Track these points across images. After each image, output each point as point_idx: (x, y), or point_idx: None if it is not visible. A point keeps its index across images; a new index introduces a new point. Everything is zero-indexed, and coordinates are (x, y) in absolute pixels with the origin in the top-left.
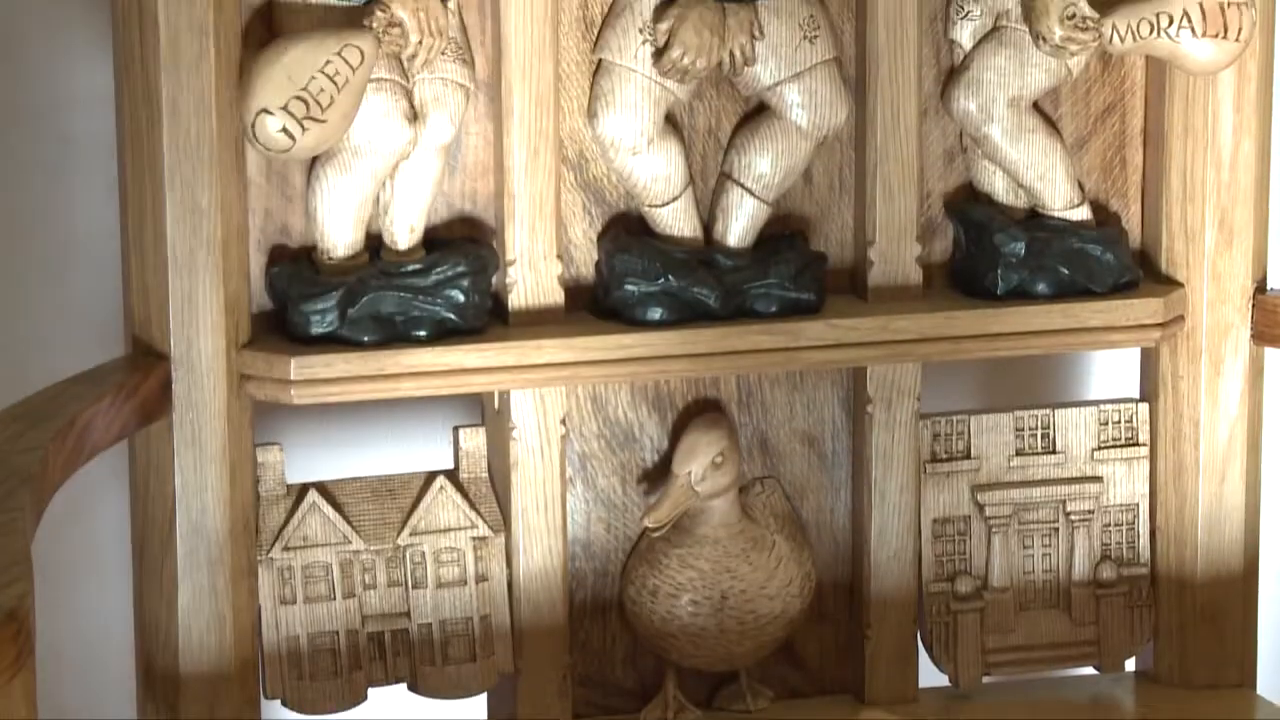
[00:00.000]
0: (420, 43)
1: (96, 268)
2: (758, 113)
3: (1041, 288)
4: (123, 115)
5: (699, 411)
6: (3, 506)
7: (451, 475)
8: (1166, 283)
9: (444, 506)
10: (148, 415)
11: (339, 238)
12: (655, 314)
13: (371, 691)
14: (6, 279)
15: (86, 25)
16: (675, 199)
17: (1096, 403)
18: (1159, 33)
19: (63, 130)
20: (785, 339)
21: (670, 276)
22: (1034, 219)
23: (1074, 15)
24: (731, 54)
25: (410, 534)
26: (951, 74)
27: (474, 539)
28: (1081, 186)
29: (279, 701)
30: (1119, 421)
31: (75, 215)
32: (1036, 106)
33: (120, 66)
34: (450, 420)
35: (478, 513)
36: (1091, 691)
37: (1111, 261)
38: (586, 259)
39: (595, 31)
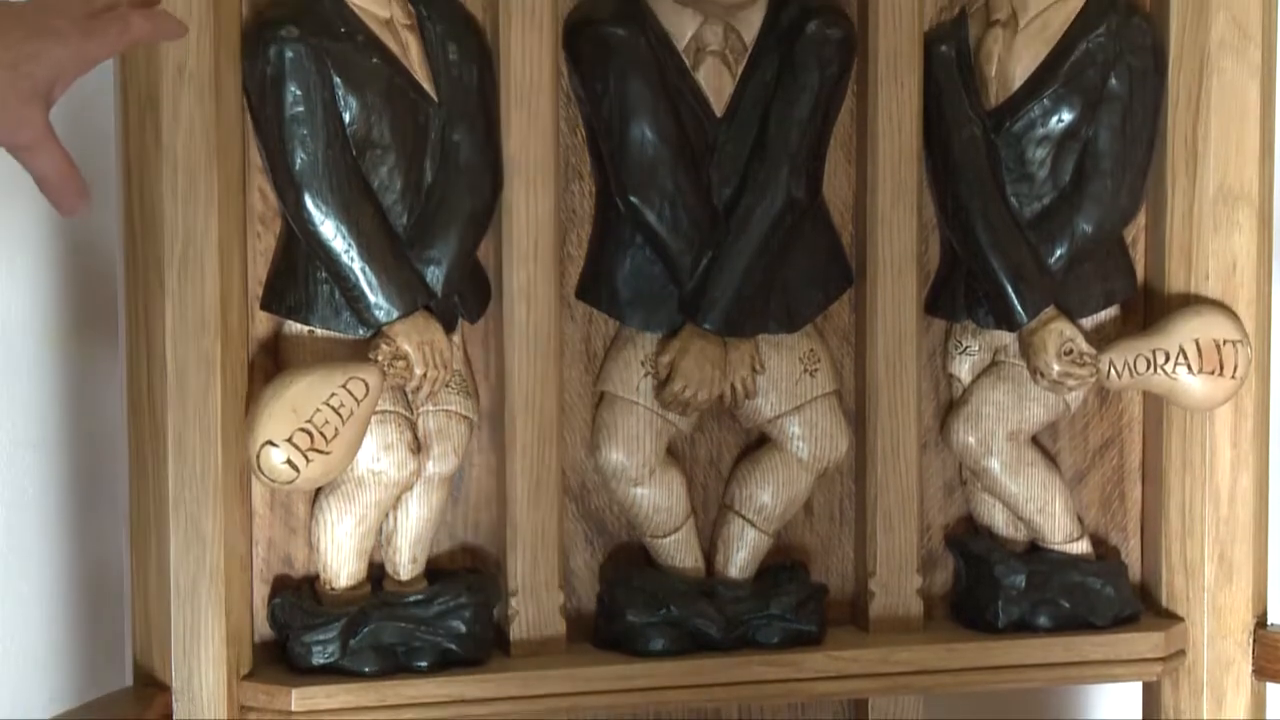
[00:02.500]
0: (425, 375)
1: (103, 597)
2: (759, 444)
3: (1042, 621)
4: (132, 447)
5: None
6: None
7: None
8: (1167, 617)
9: None
10: None
11: (341, 568)
12: (657, 645)
13: None
14: (12, 607)
15: (98, 363)
16: (677, 530)
17: None
18: (1155, 369)
19: (75, 462)
20: (787, 670)
21: (672, 607)
22: (1034, 552)
23: (1071, 351)
24: (733, 387)
25: None
26: (951, 407)
27: None
28: (1081, 520)
29: None
30: None
31: (83, 544)
32: (1035, 440)
33: (130, 401)
34: None
35: None
36: None
37: (1112, 595)
38: (588, 589)
39: (598, 364)
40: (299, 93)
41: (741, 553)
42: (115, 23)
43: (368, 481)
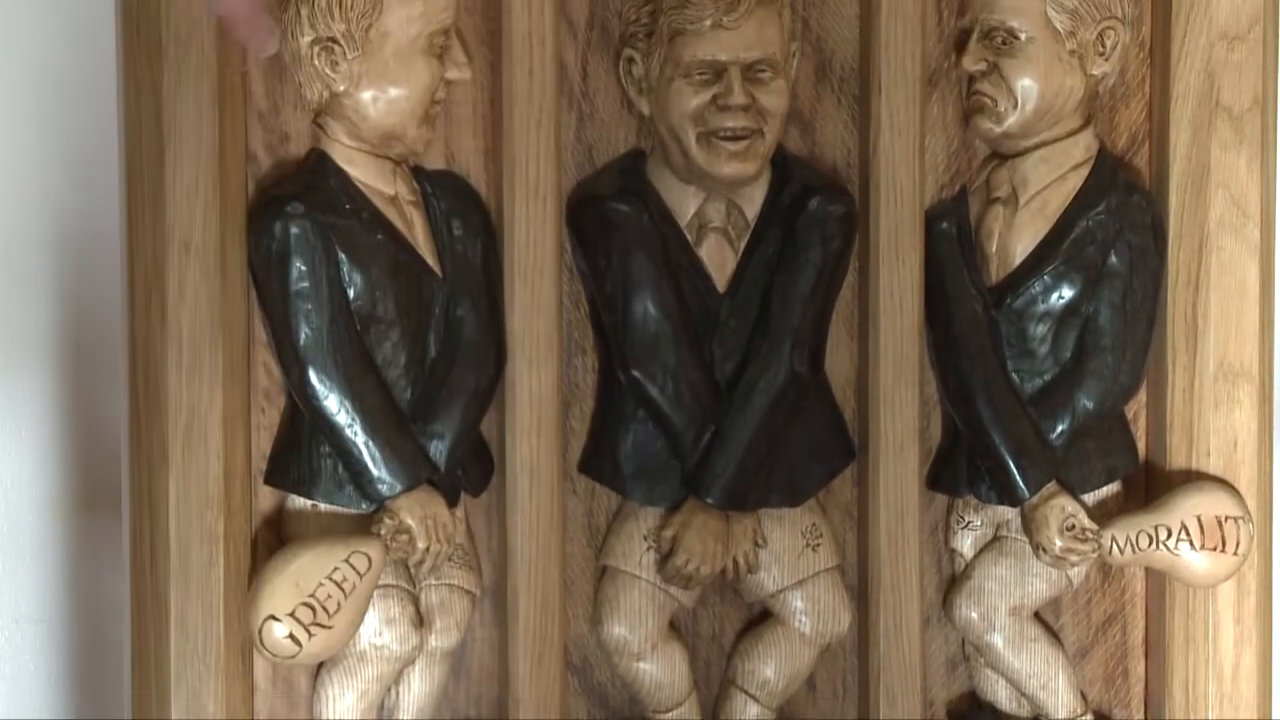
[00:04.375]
0: (427, 549)
1: None
2: (761, 619)
3: None
4: (134, 622)
5: None
6: None
7: None
8: None
9: None
10: None
11: None
12: None
13: None
14: None
15: (101, 537)
16: (679, 705)
17: None
18: (1158, 545)
19: (77, 638)
20: None
21: None
22: None
23: (1073, 526)
24: (735, 561)
25: None
26: (953, 582)
27: None
28: (1084, 696)
29: None
30: None
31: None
32: (1038, 616)
33: (133, 576)
34: None
35: None
36: None
37: None
38: None
39: (600, 538)
40: (304, 268)
41: None
42: None
43: (370, 656)
